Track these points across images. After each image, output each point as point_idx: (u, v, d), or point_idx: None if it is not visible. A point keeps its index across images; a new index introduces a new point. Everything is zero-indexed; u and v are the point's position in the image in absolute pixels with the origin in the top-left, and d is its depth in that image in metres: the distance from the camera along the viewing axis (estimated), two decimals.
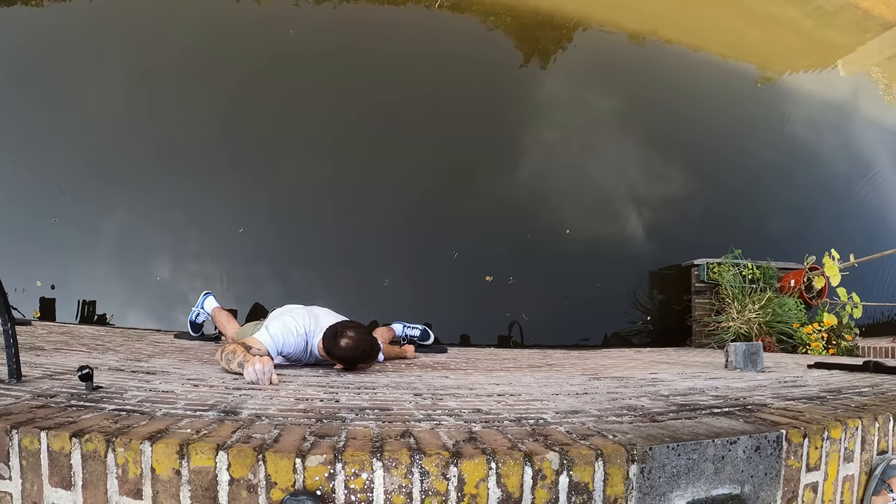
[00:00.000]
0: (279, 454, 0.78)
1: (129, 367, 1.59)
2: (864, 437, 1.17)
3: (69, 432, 0.82)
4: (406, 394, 1.36)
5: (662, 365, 2.35)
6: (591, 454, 0.83)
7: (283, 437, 0.86)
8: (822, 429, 1.07)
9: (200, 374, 1.56)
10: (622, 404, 1.26)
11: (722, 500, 0.94)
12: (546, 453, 0.82)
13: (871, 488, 1.17)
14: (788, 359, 2.63)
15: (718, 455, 0.93)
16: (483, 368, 2.06)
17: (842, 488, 1.14)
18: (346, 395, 1.31)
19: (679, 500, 0.90)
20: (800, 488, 1.05)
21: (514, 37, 4.61)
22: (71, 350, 1.85)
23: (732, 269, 3.41)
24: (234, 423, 0.93)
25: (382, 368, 1.89)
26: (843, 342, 3.14)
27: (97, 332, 2.57)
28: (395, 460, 0.79)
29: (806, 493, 1.06)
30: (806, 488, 1.06)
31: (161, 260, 3.46)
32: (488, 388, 1.51)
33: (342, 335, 1.65)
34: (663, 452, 0.88)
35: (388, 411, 1.12)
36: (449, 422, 1.02)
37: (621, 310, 4.11)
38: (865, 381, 1.76)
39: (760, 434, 0.98)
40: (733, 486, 0.96)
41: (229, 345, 1.58)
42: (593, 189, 4.32)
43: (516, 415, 1.10)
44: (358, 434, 0.90)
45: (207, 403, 1.12)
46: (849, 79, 5.07)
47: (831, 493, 1.11)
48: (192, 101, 3.68)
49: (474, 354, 2.74)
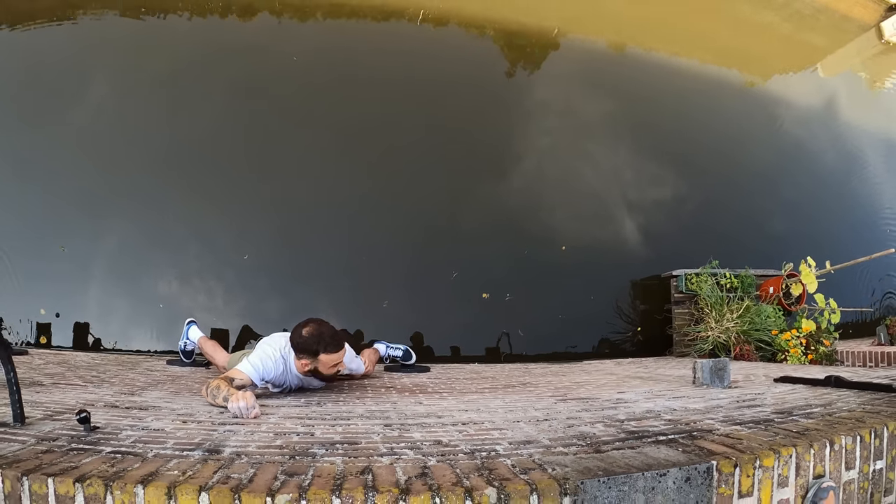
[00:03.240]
0: (252, 494, 0.89)
1: (123, 403, 1.69)
2: (799, 463, 1.23)
3: (72, 478, 0.93)
4: (377, 425, 1.46)
5: (635, 381, 2.44)
6: (526, 489, 0.93)
7: (258, 476, 0.97)
8: (755, 458, 1.15)
9: (189, 408, 1.66)
10: (575, 432, 1.36)
11: None
12: (485, 489, 0.92)
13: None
14: (761, 370, 2.73)
15: (649, 486, 1.02)
16: (458, 391, 2.16)
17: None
18: (322, 428, 1.41)
19: None
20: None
21: (501, 49, 4.72)
22: (68, 384, 1.95)
23: (710, 280, 3.51)
24: (215, 463, 1.05)
25: (362, 395, 2.00)
26: (822, 348, 3.23)
27: (92, 360, 2.68)
28: (352, 497, 0.90)
29: None
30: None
31: (159, 280, 3.56)
32: (456, 414, 1.62)
33: (304, 325, 1.81)
34: (595, 486, 0.97)
35: (356, 445, 1.22)
36: (408, 455, 1.12)
37: (611, 321, 4.22)
38: (822, 399, 1.84)
39: (691, 465, 1.07)
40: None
41: (213, 380, 1.68)
42: (586, 201, 4.41)
43: (472, 447, 1.20)
44: (323, 472, 1.00)
45: (194, 442, 1.23)
46: (831, 81, 5.16)
47: None
48: (188, 117, 3.75)
49: (456, 373, 2.84)
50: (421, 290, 3.93)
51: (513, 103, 4.50)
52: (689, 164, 4.76)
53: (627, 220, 4.50)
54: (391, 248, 3.92)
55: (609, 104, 4.68)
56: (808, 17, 4.77)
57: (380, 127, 4.09)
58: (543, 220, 4.33)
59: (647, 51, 5.00)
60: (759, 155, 5.03)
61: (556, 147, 4.44)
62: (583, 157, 4.55)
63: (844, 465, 1.35)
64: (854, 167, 5.44)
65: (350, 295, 3.80)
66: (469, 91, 4.40)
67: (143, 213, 3.60)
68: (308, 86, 4.03)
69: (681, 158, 4.75)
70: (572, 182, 4.47)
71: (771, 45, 4.93)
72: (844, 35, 5.19)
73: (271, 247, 3.76)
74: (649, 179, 4.61)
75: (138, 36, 3.89)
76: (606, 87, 4.74)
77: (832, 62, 5.00)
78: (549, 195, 4.37)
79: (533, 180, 4.31)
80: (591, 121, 4.64)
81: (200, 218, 3.69)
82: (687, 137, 4.90)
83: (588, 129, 4.62)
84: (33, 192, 3.53)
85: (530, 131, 4.47)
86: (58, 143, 3.60)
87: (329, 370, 1.88)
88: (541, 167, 4.37)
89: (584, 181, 4.50)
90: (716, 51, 5.05)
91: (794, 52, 5.03)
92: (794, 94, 5.04)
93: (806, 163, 5.17)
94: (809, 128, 5.33)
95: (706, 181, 4.77)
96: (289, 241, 3.80)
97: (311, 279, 3.78)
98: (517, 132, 4.44)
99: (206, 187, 3.77)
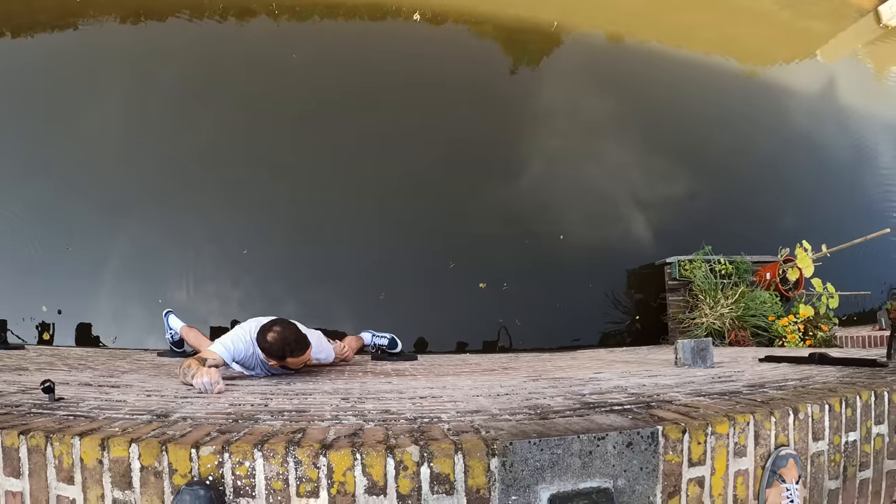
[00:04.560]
0: (179, 445, 0.92)
1: (97, 382, 1.74)
2: (758, 431, 1.19)
3: (18, 430, 0.98)
4: (334, 398, 1.47)
5: (619, 364, 2.40)
6: (451, 448, 0.93)
7: (192, 434, 0.99)
8: (705, 424, 1.10)
9: (161, 386, 1.70)
10: (531, 404, 1.34)
11: (588, 493, 0.99)
12: (408, 447, 0.92)
13: (763, 481, 1.20)
14: (751, 353, 2.65)
15: (585, 450, 0.99)
16: (436, 374, 2.15)
17: (734, 483, 1.15)
18: (277, 401, 1.43)
19: (544, 493, 0.97)
20: (682, 482, 1.07)
21: (500, 45, 4.72)
22: (53, 369, 2.02)
23: (703, 266, 3.43)
24: (158, 424, 1.07)
25: (336, 377, 2.01)
26: (820, 333, 3.13)
27: (86, 353, 2.77)
28: (273, 451, 0.91)
29: (690, 487, 1.09)
30: (690, 482, 1.08)
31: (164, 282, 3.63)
32: (420, 391, 1.61)
33: (269, 330, 1.82)
34: (525, 447, 0.96)
35: (304, 413, 1.23)
36: (350, 421, 1.13)
37: (608, 311, 4.16)
38: (801, 374, 1.78)
39: (633, 430, 1.03)
40: (604, 479, 1.01)
41: (186, 359, 1.72)
42: (586, 192, 4.37)
43: (416, 415, 1.20)
44: (256, 431, 1.01)
45: (149, 409, 1.25)
46: (831, 67, 5.03)
47: (721, 488, 1.13)
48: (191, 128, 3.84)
49: (443, 361, 2.83)
50: (420, 282, 3.92)
51: (510, 99, 4.49)
52: (687, 153, 4.67)
53: (624, 209, 4.44)
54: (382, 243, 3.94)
55: (607, 95, 4.64)
56: (807, 2, 4.67)
57: (386, 127, 4.10)
58: (542, 211, 4.31)
59: (642, 42, 4.94)
60: (760, 143, 4.92)
61: (554, 140, 4.41)
62: (582, 148, 4.51)
63: (812, 435, 1.29)
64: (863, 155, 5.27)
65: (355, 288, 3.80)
66: (461, 85, 4.40)
67: (151, 217, 3.66)
68: (313, 88, 4.07)
69: (679, 148, 4.68)
70: (573, 174, 4.44)
71: (770, 32, 4.83)
72: (844, 20, 5.04)
73: (277, 246, 3.80)
74: (649, 169, 4.55)
75: (140, 41, 3.97)
76: (602, 78, 4.69)
77: (832, 48, 4.87)
78: (550, 187, 4.34)
79: (534, 174, 4.29)
80: (590, 113, 4.59)
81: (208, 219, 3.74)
82: (685, 128, 4.82)
83: (587, 122, 4.58)
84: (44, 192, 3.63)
85: (529, 128, 4.45)
86: (59, 146, 3.71)
87: (295, 366, 1.91)
88: (537, 159, 4.35)
89: (585, 172, 4.46)
90: (713, 41, 4.96)
91: (793, 39, 4.92)
92: (794, 82, 4.93)
93: (810, 150, 5.03)
94: (814, 116, 5.19)
95: (704, 169, 4.68)
96: (300, 241, 3.83)
97: (324, 280, 3.78)
98: (515, 128, 4.42)
99: (207, 188, 3.84)
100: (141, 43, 3.97)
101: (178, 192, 3.74)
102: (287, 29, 4.30)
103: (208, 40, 4.12)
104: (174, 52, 3.98)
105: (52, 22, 3.94)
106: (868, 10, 4.72)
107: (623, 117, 4.61)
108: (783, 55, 4.90)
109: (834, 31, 4.81)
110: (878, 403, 1.41)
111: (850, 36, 4.82)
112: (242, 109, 3.96)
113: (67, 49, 3.89)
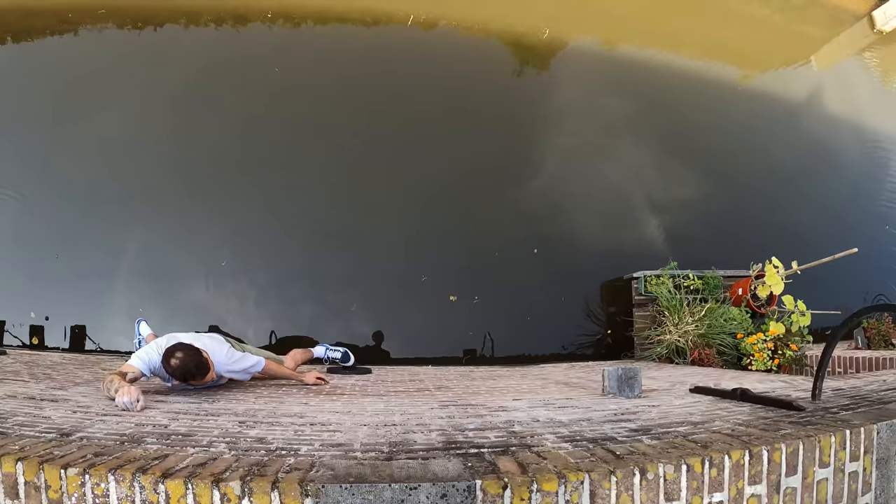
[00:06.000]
0: (52, 465, 1.08)
1: (42, 396, 1.92)
2: (595, 490, 1.12)
3: None
4: (232, 421, 1.59)
5: (552, 388, 2.42)
6: (267, 485, 1.02)
7: (70, 455, 1.15)
8: (529, 481, 1.06)
9: (94, 402, 1.86)
10: (399, 439, 1.39)
11: None
12: (231, 481, 1.02)
13: None
14: (697, 378, 2.61)
15: (397, 499, 1.01)
16: (363, 393, 2.25)
17: None
18: (180, 422, 1.56)
19: None
20: None
21: (493, 52, 4.75)
22: (15, 380, 2.23)
23: (668, 282, 3.37)
24: (56, 443, 1.23)
25: (261, 395, 2.13)
26: (789, 352, 3.04)
27: (62, 359, 3.00)
28: (122, 476, 1.05)
29: None
30: None
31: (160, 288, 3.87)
32: (319, 416, 1.71)
33: (172, 356, 1.97)
34: (337, 491, 1.02)
35: (189, 437, 1.36)
36: (216, 449, 1.24)
37: (581, 323, 4.15)
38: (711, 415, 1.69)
39: (447, 482, 1.02)
40: None
41: (108, 374, 1.88)
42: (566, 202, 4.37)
43: (281, 445, 1.30)
44: (124, 456, 1.15)
45: (60, 428, 1.41)
46: (825, 74, 4.79)
47: None
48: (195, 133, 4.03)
49: (394, 375, 2.92)
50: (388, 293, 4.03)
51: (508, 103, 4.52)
52: (682, 162, 4.58)
53: (602, 219, 4.40)
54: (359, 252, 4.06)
55: (606, 99, 4.61)
56: (799, 7, 4.49)
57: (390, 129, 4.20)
58: (521, 222, 4.33)
59: (640, 48, 4.86)
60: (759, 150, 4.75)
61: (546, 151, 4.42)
62: (567, 153, 4.49)
63: (663, 496, 1.20)
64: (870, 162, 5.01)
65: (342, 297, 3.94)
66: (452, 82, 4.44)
67: (155, 219, 3.88)
68: (316, 90, 4.20)
69: (676, 155, 4.60)
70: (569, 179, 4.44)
71: (765, 37, 4.66)
72: (840, 26, 4.79)
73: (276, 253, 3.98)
74: (641, 176, 4.49)
75: (141, 47, 4.15)
76: (596, 83, 4.65)
77: (826, 54, 4.64)
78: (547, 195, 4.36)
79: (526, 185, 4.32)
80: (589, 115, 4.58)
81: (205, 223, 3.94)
82: (683, 134, 4.73)
83: (585, 124, 4.56)
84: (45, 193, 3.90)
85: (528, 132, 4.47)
86: (60, 149, 3.95)
87: (201, 384, 2.08)
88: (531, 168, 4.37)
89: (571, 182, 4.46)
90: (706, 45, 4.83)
91: (787, 45, 4.72)
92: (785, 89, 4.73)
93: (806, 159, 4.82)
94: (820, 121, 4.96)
95: (699, 179, 4.57)
96: (296, 247, 3.98)
97: (330, 284, 3.93)
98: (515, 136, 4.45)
99: (206, 190, 4.04)
100: (141, 49, 4.13)
101: (174, 196, 3.95)
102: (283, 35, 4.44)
103: (213, 45, 4.25)
104: (178, 58, 4.12)
105: (51, 27, 4.20)
106: (862, 15, 4.49)
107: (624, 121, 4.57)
108: (778, 60, 4.72)
109: (828, 37, 4.60)
110: (755, 463, 1.27)
111: (843, 41, 4.59)
112: (237, 114, 4.11)
113: (66, 54, 4.09)
